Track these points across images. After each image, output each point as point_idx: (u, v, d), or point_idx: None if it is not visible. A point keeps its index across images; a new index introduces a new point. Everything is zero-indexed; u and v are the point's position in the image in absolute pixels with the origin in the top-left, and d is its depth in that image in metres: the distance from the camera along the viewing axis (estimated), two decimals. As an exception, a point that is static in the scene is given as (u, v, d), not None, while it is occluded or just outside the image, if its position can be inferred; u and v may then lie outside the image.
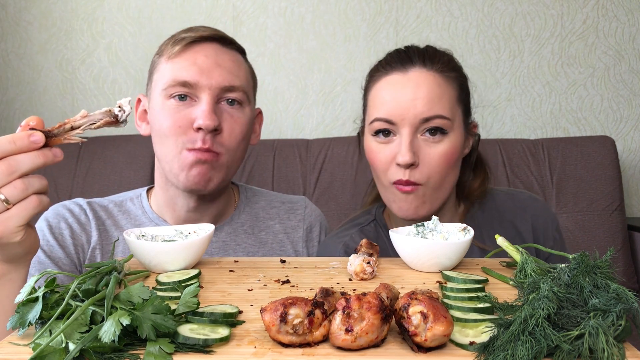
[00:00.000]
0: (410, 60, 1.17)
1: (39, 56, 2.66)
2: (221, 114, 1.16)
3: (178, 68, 1.16)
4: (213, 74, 1.15)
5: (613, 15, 2.64)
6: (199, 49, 1.18)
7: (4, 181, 0.75)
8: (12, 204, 0.76)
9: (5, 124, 2.69)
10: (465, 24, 2.65)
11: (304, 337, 0.60)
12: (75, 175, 2.32)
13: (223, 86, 1.16)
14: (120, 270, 0.79)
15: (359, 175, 2.35)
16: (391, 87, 1.15)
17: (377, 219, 1.31)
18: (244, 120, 1.20)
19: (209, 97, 1.14)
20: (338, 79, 2.67)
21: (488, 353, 0.58)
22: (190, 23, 2.62)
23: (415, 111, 1.11)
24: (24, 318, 0.64)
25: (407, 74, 1.15)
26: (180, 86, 1.15)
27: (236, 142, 1.18)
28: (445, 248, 0.87)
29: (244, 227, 1.31)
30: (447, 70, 1.16)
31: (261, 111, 1.35)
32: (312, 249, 1.35)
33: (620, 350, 0.58)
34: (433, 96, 1.12)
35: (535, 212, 1.28)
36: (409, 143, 1.11)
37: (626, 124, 2.68)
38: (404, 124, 1.12)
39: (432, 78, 1.14)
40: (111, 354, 0.59)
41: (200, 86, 1.14)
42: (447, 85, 1.15)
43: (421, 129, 1.13)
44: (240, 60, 1.24)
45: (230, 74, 1.17)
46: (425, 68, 1.15)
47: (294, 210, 1.38)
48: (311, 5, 2.65)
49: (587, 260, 0.71)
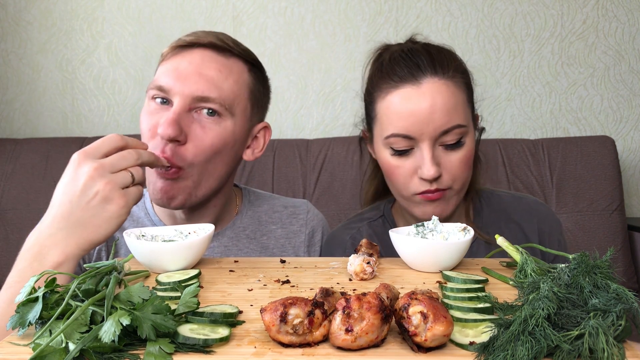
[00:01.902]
0: (419, 69, 1.13)
1: (39, 56, 2.66)
2: (190, 124, 1.09)
3: (162, 71, 1.13)
4: (188, 82, 1.09)
5: (613, 15, 2.64)
6: (186, 54, 1.13)
7: (133, 163, 0.94)
8: (134, 183, 0.94)
9: (5, 124, 2.69)
10: (465, 24, 2.65)
11: (304, 337, 0.60)
12: (75, 175, 2.32)
13: (196, 96, 1.09)
14: (120, 270, 0.79)
15: (359, 175, 2.34)
16: (406, 101, 1.11)
17: (385, 215, 1.31)
18: (217, 133, 1.11)
19: (178, 105, 1.08)
20: (338, 79, 2.67)
21: (488, 353, 0.58)
22: (190, 23, 2.62)
23: (434, 125, 1.09)
24: (24, 318, 0.64)
25: (420, 86, 1.11)
26: (157, 90, 1.11)
27: (203, 156, 1.10)
28: (445, 248, 0.87)
29: (246, 232, 1.30)
30: (456, 75, 1.15)
31: (268, 125, 1.27)
32: (314, 253, 1.34)
33: (620, 350, 0.58)
34: (449, 107, 1.10)
35: (541, 215, 1.29)
36: (431, 157, 1.10)
37: (626, 124, 2.68)
38: (424, 138, 1.10)
39: (446, 87, 1.12)
40: (111, 354, 0.59)
41: (173, 92, 1.09)
42: (459, 90, 1.14)
43: (440, 140, 1.12)
44: (234, 70, 1.15)
45: (209, 83, 1.10)
46: (437, 77, 1.12)
47: (296, 214, 1.36)
48: (311, 5, 2.65)
49: (587, 260, 0.71)
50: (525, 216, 1.28)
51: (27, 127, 2.69)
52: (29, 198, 2.30)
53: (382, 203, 1.34)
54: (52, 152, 2.37)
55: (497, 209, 1.29)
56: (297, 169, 2.37)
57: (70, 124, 2.68)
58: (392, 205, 1.33)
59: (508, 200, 1.31)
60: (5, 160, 2.36)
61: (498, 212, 1.28)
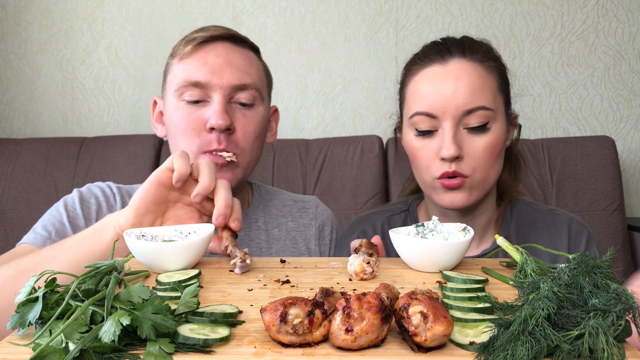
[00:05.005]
0: (448, 51, 1.14)
1: (39, 56, 2.66)
2: (234, 114, 1.16)
3: (189, 68, 1.16)
4: (224, 73, 1.15)
5: (613, 15, 2.64)
6: (210, 49, 1.18)
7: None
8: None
9: (5, 124, 2.69)
10: (465, 24, 2.64)
11: (304, 337, 0.60)
12: (75, 175, 2.32)
13: (234, 85, 1.15)
14: (120, 270, 0.79)
15: (359, 175, 2.35)
16: (431, 79, 1.12)
17: (410, 210, 1.32)
18: (257, 119, 1.19)
19: (221, 96, 1.14)
20: (338, 79, 2.67)
21: (488, 353, 0.58)
22: (190, 23, 2.62)
23: (457, 103, 1.09)
24: (24, 318, 0.64)
25: (446, 65, 1.12)
26: (192, 86, 1.15)
27: (251, 142, 1.18)
28: (445, 248, 0.87)
29: (257, 224, 1.32)
30: (487, 60, 1.14)
31: (277, 109, 1.35)
32: (324, 247, 1.37)
33: (620, 350, 0.58)
34: (474, 87, 1.10)
35: (573, 233, 1.24)
36: (452, 136, 1.09)
37: (626, 124, 2.68)
38: (446, 117, 1.10)
39: (473, 69, 1.11)
40: (111, 354, 0.59)
41: (211, 86, 1.14)
42: (488, 75, 1.13)
43: (464, 121, 1.11)
44: (252, 58, 1.23)
45: (242, 72, 1.17)
46: (465, 59, 1.12)
47: (306, 209, 1.39)
48: (311, 5, 2.64)
49: (587, 260, 0.71)
50: (555, 232, 1.23)
51: (27, 127, 2.69)
52: (29, 198, 2.30)
53: (412, 198, 1.35)
54: (52, 152, 2.37)
55: (525, 222, 1.25)
56: (297, 169, 2.37)
57: (70, 124, 2.68)
58: (420, 202, 1.34)
59: (541, 214, 1.27)
60: (5, 160, 2.36)
61: (527, 226, 1.25)
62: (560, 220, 1.25)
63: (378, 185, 2.35)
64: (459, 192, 1.13)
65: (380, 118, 2.67)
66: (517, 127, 1.25)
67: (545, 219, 1.26)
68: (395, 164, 2.39)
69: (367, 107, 2.68)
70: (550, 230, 1.24)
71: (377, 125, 2.67)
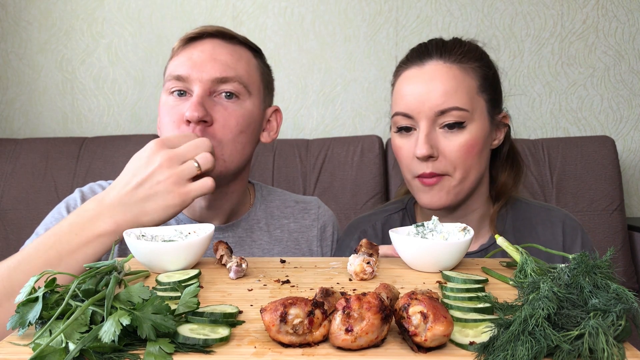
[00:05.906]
0: (427, 53, 1.18)
1: (39, 56, 2.66)
2: (213, 106, 1.15)
3: (176, 64, 1.18)
4: (205, 67, 1.15)
5: (613, 15, 2.64)
6: (197, 45, 1.19)
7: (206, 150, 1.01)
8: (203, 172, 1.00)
9: (5, 124, 2.69)
10: (465, 24, 2.65)
11: (304, 337, 0.60)
12: (75, 175, 2.32)
13: (214, 77, 1.15)
14: (120, 270, 0.78)
15: (359, 175, 2.35)
16: (408, 81, 1.17)
17: (407, 208, 1.34)
18: (240, 113, 1.18)
19: (200, 89, 1.14)
20: (338, 79, 2.67)
21: (488, 353, 0.58)
22: (190, 23, 2.62)
23: (430, 104, 1.12)
24: (24, 318, 0.64)
25: (423, 67, 1.16)
26: (175, 80, 1.16)
27: (232, 135, 1.16)
28: (445, 248, 0.87)
29: (259, 224, 1.33)
30: (466, 61, 1.16)
31: (279, 109, 1.33)
32: (326, 248, 1.37)
33: (620, 350, 0.58)
34: (448, 88, 1.12)
35: (567, 229, 1.26)
36: (425, 136, 1.12)
37: (626, 124, 2.68)
38: (421, 117, 1.13)
39: (447, 70, 1.14)
40: (111, 354, 0.59)
41: (191, 79, 1.15)
42: (465, 75, 1.15)
43: (439, 122, 1.13)
44: (243, 55, 1.22)
45: (225, 66, 1.17)
46: (442, 60, 1.15)
47: (308, 210, 1.39)
48: (311, 5, 2.65)
49: (587, 260, 0.71)
50: (549, 228, 1.25)
51: (27, 127, 2.69)
52: (29, 198, 2.30)
53: (408, 197, 1.36)
54: (52, 152, 2.37)
55: (521, 217, 1.27)
56: (297, 169, 2.37)
57: (70, 124, 2.68)
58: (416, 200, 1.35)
59: (535, 210, 1.28)
60: (5, 160, 2.36)
61: (522, 220, 1.26)
62: (555, 215, 1.27)
63: (378, 185, 2.35)
64: (437, 192, 1.15)
65: (380, 118, 2.67)
66: (507, 127, 1.25)
67: (540, 215, 1.28)
68: (395, 164, 2.38)
69: (367, 107, 2.68)
70: (545, 225, 1.26)
71: (377, 125, 2.67)
